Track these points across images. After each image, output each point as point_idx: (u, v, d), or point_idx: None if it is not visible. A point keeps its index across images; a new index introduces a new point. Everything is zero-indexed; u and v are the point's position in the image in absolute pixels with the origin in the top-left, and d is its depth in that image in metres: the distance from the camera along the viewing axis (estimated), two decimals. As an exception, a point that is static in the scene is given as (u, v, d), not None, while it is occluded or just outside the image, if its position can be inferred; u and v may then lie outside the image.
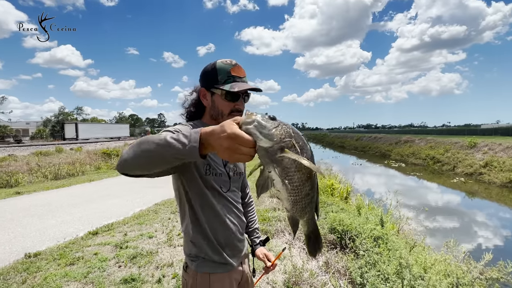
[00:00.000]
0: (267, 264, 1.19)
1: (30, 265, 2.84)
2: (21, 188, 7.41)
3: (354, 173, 16.00)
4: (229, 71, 0.95)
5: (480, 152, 15.88)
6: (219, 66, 0.96)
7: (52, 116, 47.56)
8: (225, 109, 0.96)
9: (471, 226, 7.70)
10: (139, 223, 4.21)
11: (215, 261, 0.97)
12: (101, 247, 3.31)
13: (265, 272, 1.23)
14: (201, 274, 0.96)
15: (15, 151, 14.83)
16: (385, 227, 3.61)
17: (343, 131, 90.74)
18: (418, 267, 2.68)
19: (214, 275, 0.97)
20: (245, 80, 0.99)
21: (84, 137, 30.77)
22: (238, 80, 0.95)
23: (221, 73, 0.95)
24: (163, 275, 2.65)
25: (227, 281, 0.99)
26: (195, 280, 0.96)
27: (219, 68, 0.96)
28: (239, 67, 0.98)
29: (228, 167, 1.02)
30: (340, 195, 6.23)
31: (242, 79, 0.97)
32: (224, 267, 0.99)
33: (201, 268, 0.97)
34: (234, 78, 0.95)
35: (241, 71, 0.98)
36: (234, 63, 0.97)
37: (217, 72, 0.95)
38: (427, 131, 37.34)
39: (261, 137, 0.55)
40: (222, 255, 0.98)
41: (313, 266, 2.84)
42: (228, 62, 0.97)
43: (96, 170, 11.30)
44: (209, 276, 0.96)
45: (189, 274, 0.98)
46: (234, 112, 0.97)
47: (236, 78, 0.95)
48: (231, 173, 1.02)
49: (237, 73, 0.96)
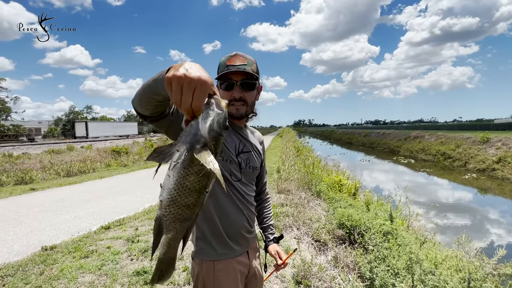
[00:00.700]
0: (278, 262, 1.19)
1: (47, 258, 2.95)
2: (36, 185, 7.64)
3: (362, 170, 15.82)
4: (225, 62, 0.97)
5: (493, 148, 15.46)
6: (221, 60, 1.00)
7: (63, 115, 48.67)
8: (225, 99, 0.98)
9: (484, 224, 7.53)
10: (149, 218, 4.29)
11: (218, 249, 0.99)
12: (113, 241, 3.40)
13: (276, 270, 1.23)
14: (206, 262, 0.98)
15: (28, 149, 15.27)
16: (395, 223, 3.58)
17: (351, 127, 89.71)
18: (429, 263, 2.65)
19: (218, 262, 0.98)
20: (243, 68, 0.95)
21: (94, 136, 31.39)
22: (231, 68, 0.95)
23: (220, 66, 0.99)
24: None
25: (232, 269, 1.00)
26: (201, 268, 0.98)
27: (220, 62, 1.00)
28: (236, 56, 0.98)
29: (241, 157, 1.03)
30: (348, 191, 6.18)
31: (236, 66, 0.95)
32: (228, 255, 1.00)
33: (205, 256, 0.98)
34: (228, 68, 0.95)
35: (238, 59, 0.97)
36: (233, 54, 0.99)
37: (219, 66, 1.00)
38: (438, 126, 36.51)
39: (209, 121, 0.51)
40: (226, 244, 0.99)
41: (322, 261, 2.85)
42: (228, 55, 1.00)
43: (106, 167, 11.53)
44: (214, 264, 0.98)
45: (196, 262, 1.00)
46: (233, 101, 0.97)
47: (230, 67, 0.95)
48: (242, 164, 1.03)
49: (232, 62, 0.96)
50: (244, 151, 1.05)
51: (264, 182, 1.27)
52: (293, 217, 4.01)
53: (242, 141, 1.06)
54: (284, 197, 5.21)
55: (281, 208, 4.45)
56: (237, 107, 0.99)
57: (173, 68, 0.51)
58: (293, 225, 3.77)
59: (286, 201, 4.94)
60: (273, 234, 1.25)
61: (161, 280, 0.64)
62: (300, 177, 6.68)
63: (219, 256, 0.99)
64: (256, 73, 0.99)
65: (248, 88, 0.99)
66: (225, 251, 0.99)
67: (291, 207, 4.54)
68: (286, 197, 5.20)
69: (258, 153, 1.13)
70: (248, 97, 1.00)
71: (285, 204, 4.75)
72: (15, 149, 14.98)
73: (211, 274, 0.97)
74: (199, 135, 0.50)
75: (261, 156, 1.15)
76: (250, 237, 1.08)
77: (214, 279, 0.97)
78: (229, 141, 1.00)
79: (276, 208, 4.46)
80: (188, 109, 0.50)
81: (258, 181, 1.22)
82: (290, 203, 4.78)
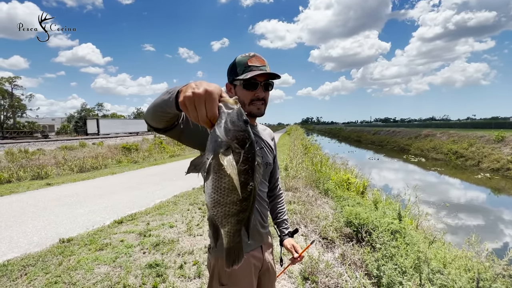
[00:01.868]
0: (294, 255, 1.23)
1: (64, 249, 3.09)
2: (51, 180, 7.92)
3: (371, 168, 15.63)
4: (246, 62, 1.00)
5: (508, 147, 15.00)
6: (238, 59, 1.02)
7: (75, 112, 49.85)
8: (246, 99, 1.01)
9: (497, 224, 7.36)
10: (160, 213, 4.41)
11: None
12: (126, 235, 3.53)
13: (292, 263, 1.27)
14: (221, 259, 1.02)
15: (43, 145, 15.78)
16: (403, 222, 3.57)
17: (360, 125, 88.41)
18: (437, 262, 2.65)
19: None
20: (264, 69, 1.00)
21: (104, 132, 32.08)
22: (254, 68, 0.99)
23: (239, 65, 1.01)
24: (184, 262, 2.80)
25: (246, 262, 1.04)
26: (217, 261, 1.04)
27: (237, 61, 1.02)
28: (257, 57, 1.01)
29: None
30: (357, 189, 6.16)
31: (259, 67, 0.99)
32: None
33: (220, 253, 1.02)
34: (250, 68, 0.99)
35: (259, 60, 1.01)
36: (252, 54, 1.02)
37: (236, 65, 1.02)
38: (450, 124, 35.61)
39: (222, 124, 0.54)
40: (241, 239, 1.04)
41: (329, 258, 2.88)
42: (246, 55, 1.02)
43: (118, 163, 11.81)
44: None
45: (212, 255, 1.06)
46: (255, 101, 1.02)
47: (252, 67, 0.99)
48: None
49: (254, 63, 0.99)
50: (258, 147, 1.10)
51: (276, 178, 1.30)
52: (301, 214, 4.05)
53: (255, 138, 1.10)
54: (291, 195, 5.24)
55: (288, 206, 4.49)
56: (259, 107, 1.03)
57: (182, 92, 0.56)
58: (300, 223, 3.80)
59: (294, 198, 4.97)
60: (287, 229, 1.29)
61: (235, 263, 0.72)
62: (308, 175, 6.69)
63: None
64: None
65: (268, 88, 1.04)
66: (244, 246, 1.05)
67: (298, 204, 4.58)
68: (293, 195, 5.23)
69: (270, 149, 1.18)
70: (266, 97, 1.05)
71: (293, 201, 4.78)
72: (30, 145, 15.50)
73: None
74: (219, 140, 0.54)
75: (273, 151, 1.20)
76: (264, 232, 1.13)
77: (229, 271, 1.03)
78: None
79: (284, 206, 4.50)
80: (206, 121, 0.55)
81: (271, 177, 1.26)
82: (297, 200, 4.82)
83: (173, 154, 14.87)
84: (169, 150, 15.66)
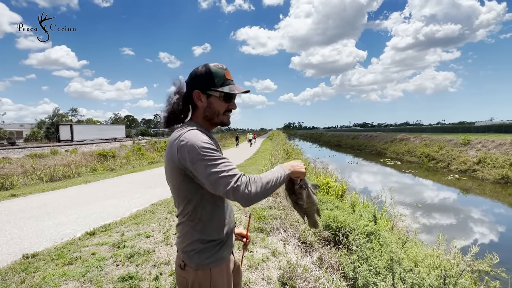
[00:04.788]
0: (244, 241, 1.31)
1: (28, 266, 2.87)
2: (17, 191, 7.37)
3: (350, 172, 16.13)
4: (224, 75, 1.05)
5: (474, 149, 16.13)
6: (214, 70, 1.03)
7: (47, 118, 47.08)
8: (221, 109, 1.07)
9: (466, 222, 7.85)
10: (136, 223, 4.24)
11: (217, 256, 1.03)
12: (98, 247, 3.34)
13: (245, 249, 1.34)
14: (202, 271, 1.00)
15: (9, 153, 14.71)
16: (378, 224, 3.69)
17: (340, 129, 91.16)
18: (409, 261, 2.76)
19: (214, 268, 1.01)
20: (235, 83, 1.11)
21: (79, 139, 30.55)
22: (231, 83, 1.07)
23: (217, 76, 1.03)
24: (160, 273, 2.70)
25: (225, 271, 1.06)
26: (197, 276, 0.99)
27: (214, 72, 1.03)
28: (229, 71, 1.09)
29: None
30: (336, 193, 6.30)
31: (233, 82, 1.09)
32: (223, 259, 1.05)
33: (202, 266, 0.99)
34: (229, 81, 1.06)
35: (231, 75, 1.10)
36: (225, 67, 1.08)
37: (213, 76, 1.03)
38: (422, 129, 37.73)
39: (304, 196, 1.07)
40: (225, 249, 1.06)
41: (307, 262, 2.91)
42: (220, 67, 1.05)
43: (92, 171, 11.26)
44: (211, 270, 1.01)
45: (189, 272, 1.00)
46: (227, 112, 1.09)
47: (230, 81, 1.07)
48: None
49: (230, 77, 1.08)
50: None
51: None
52: (281, 219, 4.07)
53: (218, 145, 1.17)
54: (272, 200, 5.26)
55: (269, 211, 4.50)
56: (229, 117, 1.12)
57: (293, 169, 1.02)
58: (280, 228, 3.82)
59: (274, 203, 4.99)
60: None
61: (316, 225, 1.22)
62: (289, 180, 6.74)
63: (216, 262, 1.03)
64: None
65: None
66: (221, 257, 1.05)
67: (278, 209, 4.60)
68: (274, 200, 5.25)
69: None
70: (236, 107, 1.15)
71: (273, 207, 4.80)
72: (-5, 153, 14.39)
73: (208, 277, 1.00)
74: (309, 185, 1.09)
75: None
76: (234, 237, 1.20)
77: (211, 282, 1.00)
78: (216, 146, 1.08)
79: (264, 211, 4.50)
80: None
81: None
82: (278, 205, 4.84)
83: (153, 160, 14.42)
84: (148, 157, 15.19)
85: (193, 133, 0.94)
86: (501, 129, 23.18)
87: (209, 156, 0.89)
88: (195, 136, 0.92)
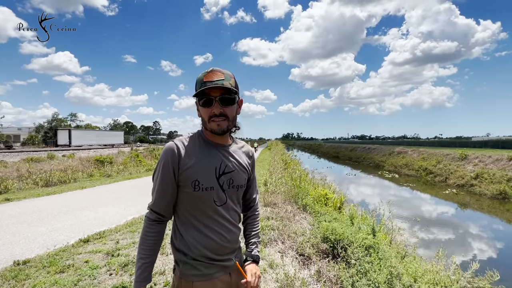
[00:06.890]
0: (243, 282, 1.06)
1: (18, 273, 2.79)
2: (11, 195, 7.26)
3: (348, 183, 16.09)
4: (202, 79, 0.96)
5: (471, 164, 16.19)
6: (197, 77, 0.99)
7: (45, 122, 46.90)
8: (205, 116, 0.98)
9: (465, 238, 7.77)
10: (131, 231, 4.17)
11: (198, 271, 0.99)
12: (92, 255, 3.27)
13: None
14: (185, 281, 0.99)
15: (5, 157, 14.55)
16: (377, 237, 3.65)
17: (338, 141, 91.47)
18: (409, 277, 2.71)
19: (197, 282, 0.98)
20: (219, 83, 0.94)
21: (77, 144, 30.39)
22: (208, 84, 0.94)
23: (197, 82, 0.98)
24: (154, 283, 2.63)
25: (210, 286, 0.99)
26: (180, 284, 1.00)
27: (197, 79, 0.99)
28: (213, 72, 0.96)
29: (222, 179, 1.02)
30: (334, 205, 6.26)
31: (213, 82, 0.94)
32: (208, 276, 1.00)
33: (185, 276, 0.99)
34: (205, 84, 0.94)
35: (215, 75, 0.96)
36: (209, 70, 0.97)
37: (196, 83, 0.99)
38: (420, 142, 37.93)
39: None
40: (206, 266, 0.99)
41: (305, 275, 2.85)
42: (205, 71, 0.98)
43: (89, 177, 11.14)
44: (192, 284, 0.98)
45: (176, 277, 1.03)
46: (213, 117, 0.96)
47: (207, 83, 0.94)
48: (225, 186, 1.02)
49: (209, 78, 0.95)
50: (226, 171, 1.03)
51: (253, 198, 1.23)
52: (278, 230, 4.02)
53: (224, 161, 1.04)
54: (270, 210, 5.21)
55: (266, 222, 4.44)
56: (218, 123, 0.97)
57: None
58: (278, 239, 3.76)
59: (272, 214, 4.94)
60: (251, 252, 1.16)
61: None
62: (287, 190, 6.72)
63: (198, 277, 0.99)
64: (234, 87, 0.98)
65: (228, 103, 0.98)
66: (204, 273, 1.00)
67: (276, 220, 4.55)
68: (272, 210, 5.20)
69: (245, 169, 1.10)
70: (229, 112, 0.99)
71: (271, 217, 4.75)
72: (-9, 156, 14.24)
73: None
74: None
75: (248, 172, 1.13)
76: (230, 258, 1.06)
77: None
78: (208, 165, 1.00)
79: (262, 222, 4.45)
80: None
81: (245, 198, 1.20)
82: (276, 216, 4.79)
83: (150, 167, 14.33)
84: (146, 164, 15.10)
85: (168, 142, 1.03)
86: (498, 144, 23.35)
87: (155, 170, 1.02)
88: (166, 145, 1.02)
